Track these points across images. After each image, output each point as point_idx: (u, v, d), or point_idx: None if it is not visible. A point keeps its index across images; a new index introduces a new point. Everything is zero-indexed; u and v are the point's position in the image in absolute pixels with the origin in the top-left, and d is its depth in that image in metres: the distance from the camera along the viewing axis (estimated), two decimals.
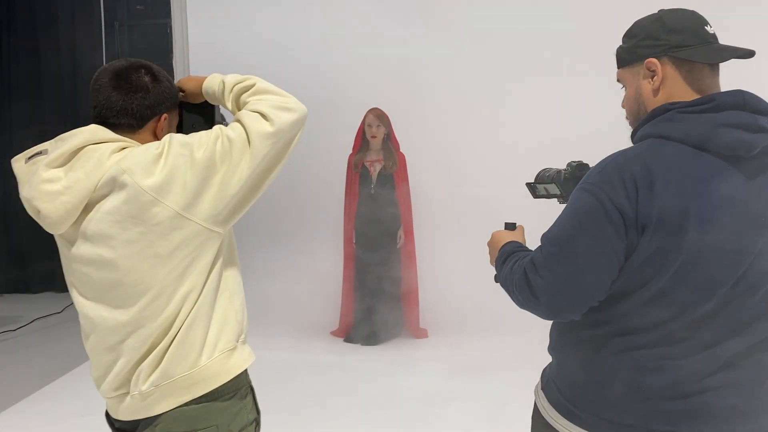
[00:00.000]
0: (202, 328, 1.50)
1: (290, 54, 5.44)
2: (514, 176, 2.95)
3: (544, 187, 1.72)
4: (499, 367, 4.09)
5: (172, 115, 1.61)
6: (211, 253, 1.49)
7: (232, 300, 1.57)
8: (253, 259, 5.60)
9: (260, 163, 1.48)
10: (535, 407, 1.50)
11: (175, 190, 1.41)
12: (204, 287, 1.50)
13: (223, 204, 1.46)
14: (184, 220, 1.43)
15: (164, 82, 1.56)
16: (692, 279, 1.21)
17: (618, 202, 1.21)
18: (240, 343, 1.60)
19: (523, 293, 1.33)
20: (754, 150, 1.21)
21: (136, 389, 1.49)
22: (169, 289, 1.46)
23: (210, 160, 1.43)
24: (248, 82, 1.58)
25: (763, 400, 1.29)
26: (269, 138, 1.47)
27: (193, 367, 1.49)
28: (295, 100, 1.54)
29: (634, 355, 1.28)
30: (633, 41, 1.36)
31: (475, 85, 5.19)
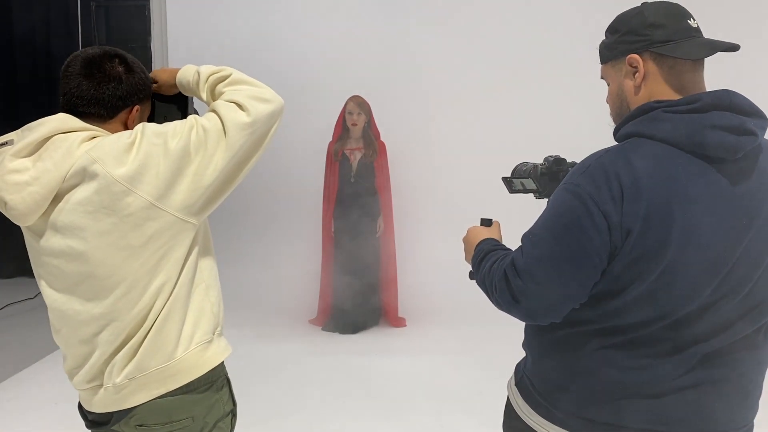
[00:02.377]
0: (178, 321, 1.48)
1: (270, 39, 5.38)
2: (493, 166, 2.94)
3: (521, 182, 1.70)
4: (476, 358, 4.11)
5: (144, 107, 1.57)
6: (185, 245, 1.47)
7: (208, 292, 1.55)
8: (232, 247, 5.58)
9: (236, 154, 1.45)
10: (508, 402, 1.50)
11: (148, 180, 1.38)
12: (179, 279, 1.48)
13: (197, 194, 1.43)
14: (158, 211, 1.40)
15: (138, 73, 1.52)
16: (675, 283, 1.20)
17: (603, 205, 1.18)
18: (216, 336, 1.58)
19: (502, 296, 1.30)
20: (739, 153, 1.19)
21: (110, 381, 1.47)
22: (143, 282, 1.43)
23: (184, 150, 1.40)
24: (224, 72, 1.55)
25: (740, 398, 1.29)
26: (245, 128, 1.44)
27: (169, 360, 1.47)
28: (272, 92, 1.51)
29: (611, 354, 1.27)
30: (614, 36, 1.34)
31: (456, 75, 5.19)
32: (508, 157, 2.28)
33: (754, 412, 1.34)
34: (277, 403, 3.53)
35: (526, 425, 1.40)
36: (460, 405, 3.46)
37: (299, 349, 4.41)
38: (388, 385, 3.77)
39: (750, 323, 1.26)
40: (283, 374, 3.97)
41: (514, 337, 1.48)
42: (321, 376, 3.93)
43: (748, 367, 1.28)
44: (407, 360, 4.19)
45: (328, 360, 4.21)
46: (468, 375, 3.87)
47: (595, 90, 1.47)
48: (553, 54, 4.93)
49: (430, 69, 5.21)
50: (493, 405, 1.60)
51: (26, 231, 1.49)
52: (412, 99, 5.22)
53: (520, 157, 1.90)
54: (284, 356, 4.27)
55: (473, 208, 1.98)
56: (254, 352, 4.33)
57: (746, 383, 1.29)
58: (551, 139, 3.69)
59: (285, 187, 5.45)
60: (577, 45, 3.06)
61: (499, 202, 2.65)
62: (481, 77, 5.12)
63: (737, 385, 1.28)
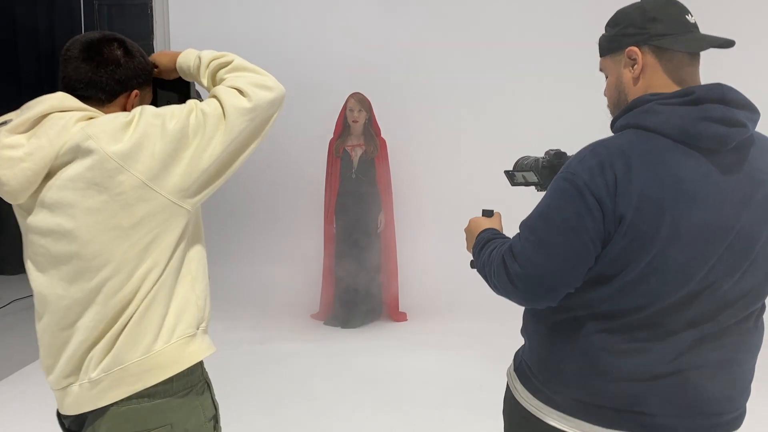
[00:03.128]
0: (160, 311, 1.43)
1: (272, 37, 5.41)
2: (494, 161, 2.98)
3: (522, 175, 1.73)
4: (477, 351, 4.15)
5: (144, 92, 1.55)
6: (176, 231, 1.43)
7: (194, 285, 1.50)
8: (234, 243, 5.62)
9: (235, 140, 1.43)
10: (508, 388, 1.53)
11: (143, 159, 1.35)
12: (166, 267, 1.43)
13: (192, 178, 1.41)
14: (150, 192, 1.37)
15: (137, 57, 1.50)
16: (666, 269, 1.24)
17: (597, 191, 1.23)
18: (201, 332, 1.51)
19: (500, 280, 1.34)
20: (731, 144, 1.23)
21: (86, 377, 1.42)
22: (130, 265, 1.39)
23: (182, 131, 1.38)
24: (226, 58, 1.53)
25: (731, 383, 1.33)
26: (246, 114, 1.43)
27: (148, 352, 1.41)
28: (274, 79, 1.50)
29: (606, 338, 1.30)
30: (615, 30, 1.38)
31: (457, 71, 5.22)
32: (508, 152, 2.31)
33: (745, 397, 1.38)
34: (280, 397, 3.56)
35: (525, 410, 1.44)
36: (461, 398, 3.50)
37: (301, 343, 4.44)
38: (390, 379, 3.81)
39: (740, 310, 1.30)
40: (286, 368, 4.00)
41: (514, 330, 1.51)
42: (323, 370, 3.97)
43: (739, 352, 1.32)
44: (408, 354, 4.22)
45: (330, 354, 4.24)
46: (469, 368, 3.91)
47: (595, 84, 1.50)
48: (553, 49, 4.96)
49: (431, 65, 5.24)
50: (494, 398, 1.63)
51: (17, 210, 1.46)
52: (413, 96, 5.25)
53: (520, 151, 1.93)
54: (287, 350, 4.30)
55: (474, 203, 2.01)
56: (257, 346, 4.37)
57: (737, 368, 1.33)
58: (551, 133, 3.73)
59: (287, 183, 5.48)
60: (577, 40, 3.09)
61: (499, 196, 2.69)
62: (481, 73, 5.15)
63: (728, 370, 1.31)
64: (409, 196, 5.21)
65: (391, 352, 4.27)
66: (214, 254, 6.28)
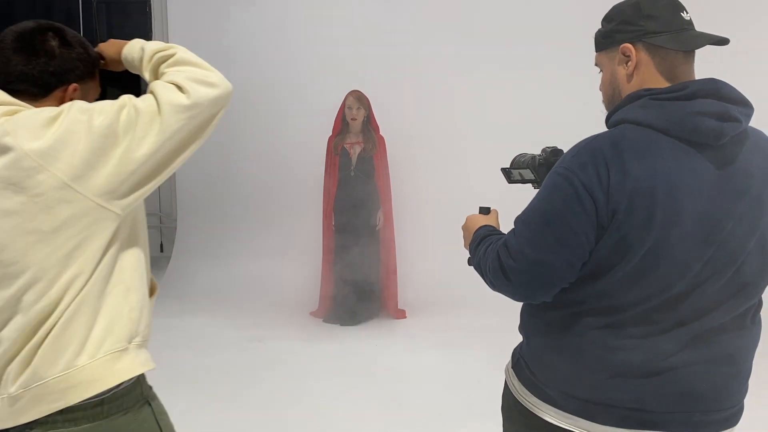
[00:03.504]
0: (86, 323, 1.30)
1: (271, 35, 5.41)
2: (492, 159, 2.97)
3: (519, 172, 1.73)
4: (476, 348, 4.15)
5: (87, 86, 1.43)
6: (104, 236, 1.31)
7: (128, 295, 1.37)
8: (234, 239, 5.63)
9: (170, 139, 1.31)
10: (506, 386, 1.54)
11: (65, 157, 1.24)
12: (93, 274, 1.31)
13: (120, 179, 1.29)
14: (73, 193, 1.26)
15: (76, 47, 1.39)
16: (661, 263, 1.24)
17: (590, 186, 1.23)
18: (134, 347, 1.38)
19: (496, 276, 1.35)
20: (724, 138, 1.24)
21: (5, 392, 1.30)
22: (52, 273, 1.27)
23: (110, 128, 1.27)
24: (169, 51, 1.41)
25: (728, 379, 1.33)
26: (183, 111, 1.31)
27: (69, 368, 1.29)
28: (220, 75, 1.37)
29: (603, 334, 1.31)
30: (610, 26, 1.38)
31: (455, 68, 5.22)
32: (507, 149, 2.30)
33: (743, 394, 1.38)
34: (279, 394, 3.57)
35: (523, 407, 1.44)
36: (460, 395, 3.50)
37: (301, 340, 4.45)
38: (389, 376, 3.81)
39: (736, 305, 1.30)
40: (285, 365, 4.01)
41: (513, 327, 1.52)
42: (322, 367, 3.98)
43: (735, 348, 1.33)
44: (408, 351, 4.23)
45: (330, 351, 4.25)
46: (468, 365, 3.91)
47: (592, 83, 1.50)
48: (551, 47, 4.96)
49: (429, 63, 5.24)
50: (494, 395, 1.63)
51: None
52: (411, 93, 5.25)
53: (518, 148, 1.93)
54: (286, 348, 4.31)
55: (473, 200, 2.01)
56: (256, 343, 4.38)
57: (734, 365, 1.33)
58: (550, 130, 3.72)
59: (285, 180, 5.49)
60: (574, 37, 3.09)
61: (499, 193, 2.69)
62: (479, 70, 5.15)
63: (725, 367, 1.32)
64: (408, 194, 5.21)
65: (390, 350, 4.28)
66: (213, 251, 6.28)
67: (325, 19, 5.35)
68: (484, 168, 3.69)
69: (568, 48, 4.46)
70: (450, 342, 4.36)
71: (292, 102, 5.36)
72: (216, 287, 5.39)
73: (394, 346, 4.35)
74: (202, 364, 3.98)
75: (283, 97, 5.35)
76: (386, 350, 4.27)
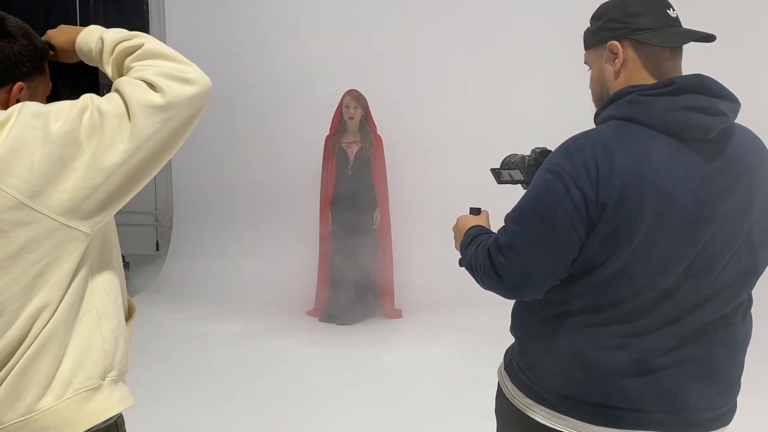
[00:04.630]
0: (52, 358, 1.13)
1: (269, 34, 5.41)
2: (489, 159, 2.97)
3: (509, 173, 1.73)
4: (471, 348, 4.16)
5: (35, 83, 1.23)
6: (72, 260, 1.13)
7: (100, 324, 1.20)
8: (230, 238, 5.63)
9: (143, 146, 1.12)
10: (499, 387, 1.54)
11: (18, 171, 1.06)
12: (61, 304, 1.14)
13: (85, 193, 1.10)
14: (31, 213, 1.08)
15: (19, 39, 1.19)
16: (649, 258, 1.25)
17: (579, 182, 1.24)
18: (108, 383, 1.20)
19: (486, 273, 1.35)
20: (711, 133, 1.25)
21: None
22: (13, 305, 1.10)
23: (70, 135, 1.08)
24: (135, 41, 1.20)
25: (719, 376, 1.33)
26: (157, 113, 1.12)
27: (30, 412, 1.12)
28: (196, 69, 1.17)
29: (593, 333, 1.31)
30: (597, 23, 1.39)
31: (452, 69, 5.21)
32: (502, 149, 2.31)
33: (735, 392, 1.38)
34: (276, 393, 3.57)
35: (515, 408, 1.44)
36: (456, 394, 3.50)
37: (297, 339, 4.46)
38: (385, 375, 3.82)
39: (725, 302, 1.31)
40: (282, 364, 4.01)
41: (505, 327, 1.52)
42: (318, 367, 3.98)
43: (727, 345, 1.33)
44: (403, 350, 4.24)
45: (326, 350, 4.25)
46: (464, 365, 3.91)
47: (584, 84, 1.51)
48: (545, 47, 4.96)
49: (426, 63, 5.24)
50: (489, 394, 1.64)
51: None
52: (409, 93, 5.25)
53: (514, 148, 1.94)
54: (282, 347, 4.31)
55: (469, 201, 2.01)
56: (252, 342, 4.38)
57: (725, 362, 1.33)
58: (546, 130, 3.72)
59: (282, 179, 5.48)
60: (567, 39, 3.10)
61: (494, 193, 2.69)
62: (475, 71, 5.15)
63: (716, 365, 1.32)
64: (405, 193, 5.21)
65: (386, 349, 4.28)
66: (209, 250, 6.28)
67: (323, 18, 5.35)
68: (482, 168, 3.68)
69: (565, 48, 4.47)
70: (446, 341, 4.36)
71: (289, 101, 5.36)
72: (212, 286, 5.39)
73: (390, 345, 4.36)
74: (198, 363, 3.98)
75: (281, 96, 5.35)
76: (382, 350, 4.27)
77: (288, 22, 5.42)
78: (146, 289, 5.63)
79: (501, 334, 2.28)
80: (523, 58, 5.04)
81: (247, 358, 4.09)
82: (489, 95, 5.10)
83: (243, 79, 5.25)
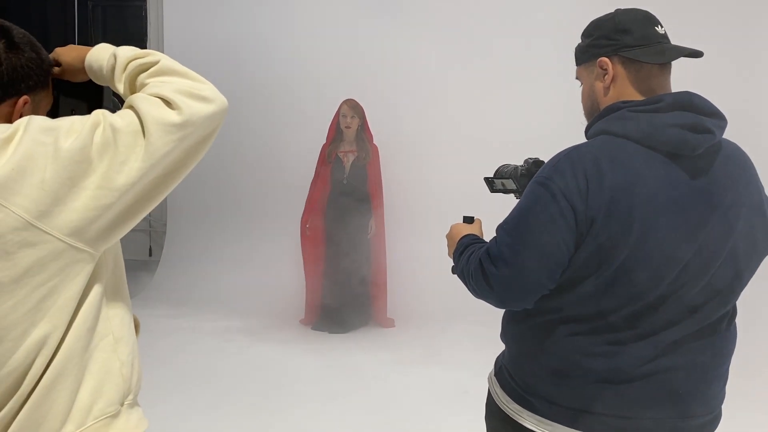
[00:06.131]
0: (70, 386, 1.11)
1: (266, 42, 5.43)
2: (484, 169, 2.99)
3: (502, 182, 1.76)
4: (463, 357, 4.16)
5: (38, 98, 1.20)
6: (79, 281, 1.09)
7: (117, 348, 1.18)
8: (224, 246, 5.62)
9: (158, 164, 1.09)
10: (489, 393, 1.56)
11: (26, 190, 1.01)
12: (70, 329, 1.10)
13: (95, 214, 1.06)
14: (38, 234, 1.03)
15: (26, 52, 1.15)
16: (638, 270, 1.28)
17: (569, 195, 1.26)
18: (126, 407, 1.20)
19: (478, 283, 1.37)
20: (698, 150, 1.28)
21: None
22: (16, 331, 1.05)
23: (82, 153, 1.04)
24: (150, 58, 1.18)
25: (704, 385, 1.36)
26: (174, 131, 1.08)
27: None
28: (213, 88, 1.15)
29: (580, 341, 1.33)
30: (588, 40, 1.43)
31: (448, 80, 5.24)
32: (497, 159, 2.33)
33: (720, 399, 1.41)
34: (266, 402, 3.56)
35: (505, 414, 1.46)
36: (447, 404, 3.50)
37: (289, 347, 4.45)
38: (377, 385, 3.82)
39: (710, 313, 1.33)
40: (272, 373, 4.00)
41: (497, 336, 1.54)
42: (310, 376, 3.97)
43: (711, 355, 1.35)
44: (395, 360, 4.24)
45: (318, 359, 4.24)
46: (456, 374, 3.91)
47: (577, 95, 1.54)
48: (540, 58, 4.99)
49: (423, 74, 5.27)
50: (480, 403, 1.65)
51: None
52: (405, 103, 5.28)
53: (509, 158, 1.97)
54: (274, 354, 4.31)
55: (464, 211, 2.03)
56: (244, 350, 4.38)
57: (711, 371, 1.36)
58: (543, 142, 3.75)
59: (277, 187, 5.49)
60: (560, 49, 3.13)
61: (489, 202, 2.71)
62: (473, 81, 5.18)
63: (702, 373, 1.34)
64: (400, 203, 5.22)
65: (378, 358, 4.28)
66: (202, 257, 6.26)
67: (320, 27, 5.38)
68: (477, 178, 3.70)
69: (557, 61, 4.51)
70: (438, 351, 4.37)
71: (286, 109, 5.38)
72: (205, 292, 5.38)
73: (383, 354, 4.35)
74: (189, 371, 3.97)
75: (277, 104, 5.37)
76: (374, 359, 4.27)
77: (285, 29, 5.45)
78: (139, 294, 5.61)
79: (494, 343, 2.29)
80: (519, 69, 5.07)
81: (239, 366, 4.08)
82: (485, 105, 5.13)
83: (240, 86, 5.26)
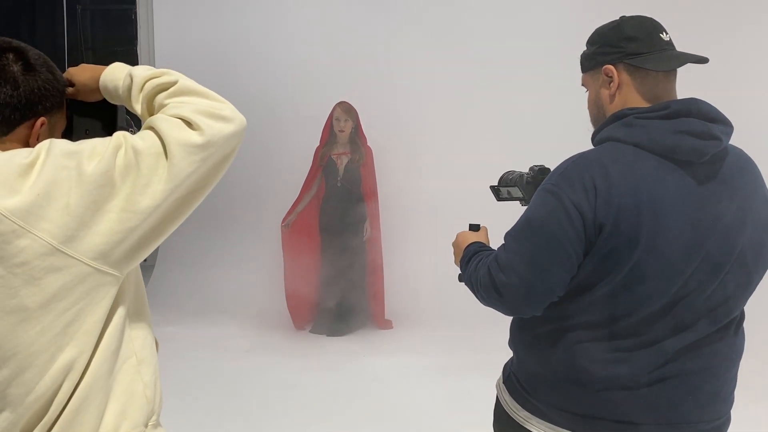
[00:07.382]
0: (96, 410, 1.10)
1: (258, 44, 5.41)
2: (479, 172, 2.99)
3: (507, 190, 1.76)
4: (462, 359, 4.16)
5: (54, 119, 1.19)
6: (104, 305, 1.09)
7: (140, 369, 1.18)
8: (219, 249, 5.60)
9: (181, 185, 1.09)
10: (497, 400, 1.56)
11: (51, 215, 1.01)
12: (96, 352, 1.10)
13: (120, 237, 1.06)
14: (65, 258, 1.03)
15: (43, 73, 1.14)
16: (646, 277, 1.28)
17: (578, 202, 1.27)
18: (150, 428, 1.20)
19: (487, 291, 1.37)
20: (705, 156, 1.28)
21: None
22: (43, 356, 1.05)
23: (105, 176, 1.04)
24: (168, 78, 1.17)
25: (713, 390, 1.36)
26: (196, 152, 1.08)
27: None
28: (232, 107, 1.15)
29: (589, 347, 1.34)
30: (593, 48, 1.43)
31: (443, 81, 5.23)
32: (494, 163, 2.33)
33: (729, 405, 1.41)
34: (265, 405, 3.55)
35: (514, 421, 1.46)
36: (447, 406, 3.50)
37: (287, 351, 4.44)
38: (376, 387, 3.81)
39: (720, 318, 1.34)
40: (271, 376, 3.99)
41: (500, 339, 1.54)
42: (308, 379, 3.96)
43: (720, 360, 1.36)
44: (394, 362, 4.23)
45: (316, 362, 4.24)
46: (455, 376, 3.91)
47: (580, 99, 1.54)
48: (539, 61, 4.99)
49: (417, 76, 5.25)
50: (482, 406, 1.65)
51: None
52: (399, 105, 5.27)
53: (506, 162, 1.96)
54: (272, 358, 4.30)
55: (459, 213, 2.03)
56: (242, 354, 4.37)
57: (719, 376, 1.36)
58: (536, 145, 3.75)
59: (271, 190, 5.46)
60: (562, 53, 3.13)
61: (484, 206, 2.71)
62: (468, 84, 5.17)
63: (711, 378, 1.35)
64: (395, 205, 5.21)
65: (376, 360, 4.27)
66: (198, 261, 6.23)
67: (313, 30, 5.36)
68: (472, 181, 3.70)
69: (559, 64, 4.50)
70: (437, 353, 4.36)
71: (279, 112, 5.35)
72: (201, 297, 5.35)
73: (381, 356, 4.35)
74: (186, 375, 3.95)
75: (270, 108, 5.34)
76: (372, 361, 4.26)
77: (277, 32, 5.42)
78: None
79: (493, 346, 2.30)
80: (517, 72, 5.06)
81: (237, 370, 4.07)
82: (481, 108, 5.13)
83: (232, 90, 5.12)
